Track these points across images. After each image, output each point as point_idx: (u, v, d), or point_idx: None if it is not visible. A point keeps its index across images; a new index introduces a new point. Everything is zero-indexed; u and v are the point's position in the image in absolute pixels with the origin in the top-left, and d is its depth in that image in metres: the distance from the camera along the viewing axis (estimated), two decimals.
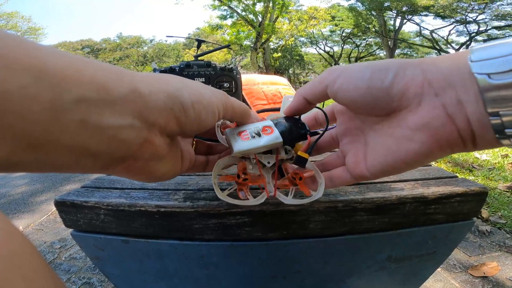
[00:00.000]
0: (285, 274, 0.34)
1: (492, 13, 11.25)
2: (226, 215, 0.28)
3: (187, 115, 0.18)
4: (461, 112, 0.16)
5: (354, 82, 0.19)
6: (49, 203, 1.93)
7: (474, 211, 0.32)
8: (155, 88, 0.17)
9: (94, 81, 0.13)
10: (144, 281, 0.37)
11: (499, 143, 0.16)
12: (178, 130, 0.19)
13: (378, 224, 0.30)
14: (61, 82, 0.12)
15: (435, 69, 0.17)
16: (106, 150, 0.15)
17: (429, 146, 0.17)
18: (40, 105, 0.11)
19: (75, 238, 0.33)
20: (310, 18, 14.41)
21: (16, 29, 16.16)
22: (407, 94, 0.18)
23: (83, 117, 0.13)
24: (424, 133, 0.17)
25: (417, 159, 0.18)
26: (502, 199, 1.60)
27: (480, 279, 1.01)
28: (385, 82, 0.18)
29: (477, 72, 0.15)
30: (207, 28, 14.62)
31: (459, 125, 0.16)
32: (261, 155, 0.25)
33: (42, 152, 0.12)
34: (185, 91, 0.18)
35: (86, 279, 1.14)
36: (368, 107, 0.20)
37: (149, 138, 0.17)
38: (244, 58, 19.05)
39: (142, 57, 22.06)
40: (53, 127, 0.12)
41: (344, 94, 0.20)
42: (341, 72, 0.20)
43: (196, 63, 0.54)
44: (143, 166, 0.18)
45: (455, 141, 0.17)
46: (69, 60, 0.13)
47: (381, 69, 0.19)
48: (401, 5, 12.55)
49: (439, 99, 0.16)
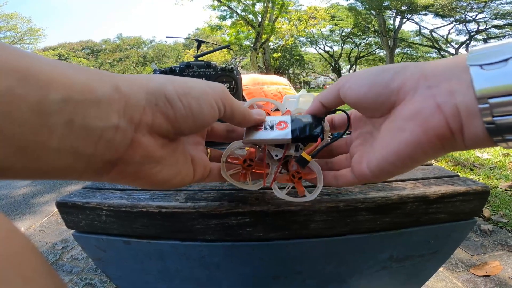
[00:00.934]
0: (287, 274, 0.34)
1: (492, 12, 11.24)
2: (227, 215, 0.28)
3: (175, 109, 0.17)
4: (450, 101, 0.16)
5: (360, 82, 0.21)
6: (51, 204, 1.93)
7: (476, 210, 0.32)
8: (136, 86, 0.16)
9: (78, 82, 0.13)
10: (146, 281, 0.37)
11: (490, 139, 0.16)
12: (170, 127, 0.18)
13: (380, 223, 0.30)
14: (47, 84, 0.12)
15: (433, 66, 0.18)
16: (94, 152, 0.15)
17: (417, 135, 0.17)
18: (27, 106, 0.12)
19: (77, 239, 0.33)
20: (309, 18, 14.41)
21: (15, 30, 16.21)
22: (404, 87, 0.19)
23: (69, 118, 0.13)
24: (413, 122, 0.18)
25: (408, 150, 0.18)
26: (504, 198, 1.59)
27: (483, 278, 1.01)
28: (385, 78, 0.20)
29: (470, 63, 0.16)
30: (206, 28, 14.63)
31: (447, 113, 0.16)
32: (272, 147, 0.26)
33: (32, 156, 0.13)
34: (169, 85, 0.18)
35: (88, 280, 1.14)
36: (371, 102, 0.21)
37: (137, 139, 0.16)
38: (244, 58, 19.05)
39: (142, 58, 22.09)
40: (41, 129, 0.12)
41: (351, 93, 0.22)
42: (351, 76, 0.22)
43: (196, 63, 0.54)
44: (137, 171, 0.18)
45: (443, 131, 0.17)
46: (53, 63, 0.13)
47: (384, 69, 0.20)
48: (401, 4, 12.55)
49: (431, 91, 0.17)
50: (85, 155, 0.14)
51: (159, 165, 0.19)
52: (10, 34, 16.35)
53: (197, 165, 0.23)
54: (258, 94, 1.05)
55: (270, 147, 0.26)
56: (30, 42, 17.29)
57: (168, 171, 0.19)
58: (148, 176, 0.18)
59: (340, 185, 0.25)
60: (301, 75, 23.43)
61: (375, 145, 0.21)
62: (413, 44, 17.05)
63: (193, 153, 0.23)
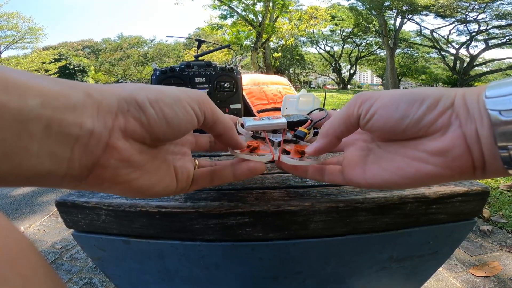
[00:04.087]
0: (286, 274, 0.34)
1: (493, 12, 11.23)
2: (226, 215, 0.28)
3: (147, 115, 0.18)
4: (477, 144, 0.17)
5: (388, 115, 0.19)
6: (51, 203, 1.93)
7: (475, 211, 0.32)
8: (108, 93, 0.17)
9: (54, 90, 0.14)
10: (145, 281, 0.37)
11: (507, 172, 0.17)
12: (144, 132, 0.18)
13: (379, 224, 0.30)
14: (25, 91, 0.13)
15: (462, 102, 0.18)
16: (71, 156, 0.15)
17: (441, 171, 0.18)
18: (10, 112, 0.12)
19: (76, 238, 0.33)
20: (310, 18, 14.40)
21: (16, 29, 16.21)
22: (435, 124, 0.18)
23: (47, 122, 0.14)
24: (440, 158, 0.18)
25: (425, 179, 0.19)
26: (504, 198, 1.59)
27: (482, 279, 1.01)
28: (419, 112, 0.18)
29: (490, 108, 0.16)
30: (207, 28, 14.62)
31: (475, 156, 0.17)
32: (270, 133, 0.29)
33: (14, 161, 0.13)
34: (141, 91, 0.18)
35: (87, 279, 1.14)
36: (393, 134, 0.20)
37: (111, 143, 0.17)
38: (244, 58, 19.05)
39: (143, 57, 22.08)
40: (22, 134, 0.13)
41: (377, 124, 0.20)
42: (375, 101, 0.20)
43: (196, 63, 0.54)
44: (115, 175, 0.18)
45: (467, 169, 0.18)
46: (29, 74, 0.14)
47: (417, 100, 0.19)
48: (401, 5, 12.54)
49: (462, 129, 0.17)
50: (63, 158, 0.15)
51: (138, 171, 0.19)
52: (10, 33, 16.35)
53: (180, 174, 0.22)
54: (259, 93, 1.05)
55: (269, 134, 0.29)
56: (30, 41, 17.29)
57: (148, 178, 0.19)
58: (127, 182, 0.18)
59: (325, 181, 0.25)
60: (301, 75, 23.42)
61: (383, 164, 0.21)
62: (414, 44, 17.04)
63: (177, 163, 0.23)
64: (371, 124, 0.20)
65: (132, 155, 0.18)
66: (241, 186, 0.34)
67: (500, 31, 11.91)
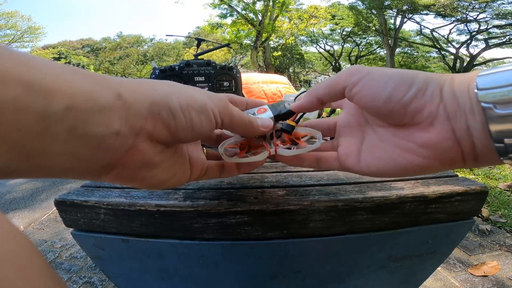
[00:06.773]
0: (285, 273, 0.34)
1: (493, 12, 11.22)
2: (226, 214, 0.28)
3: (176, 120, 0.18)
4: (468, 137, 0.16)
5: (375, 91, 0.19)
6: (50, 202, 1.94)
7: (474, 210, 0.32)
8: (140, 95, 0.17)
9: (81, 91, 0.14)
10: (145, 280, 0.37)
11: (501, 162, 0.16)
12: (170, 136, 0.18)
13: (378, 223, 0.30)
14: (51, 93, 0.13)
15: (451, 91, 0.17)
16: (93, 157, 0.15)
17: (431, 162, 0.18)
18: (33, 114, 0.12)
19: (76, 237, 0.33)
20: (310, 17, 14.37)
21: (16, 28, 16.16)
22: (422, 112, 0.18)
23: (71, 125, 0.13)
24: (429, 151, 0.18)
25: (417, 170, 0.19)
26: (503, 198, 1.60)
27: (480, 278, 1.01)
28: (406, 97, 0.18)
29: (483, 101, 0.15)
30: (207, 27, 14.59)
31: (465, 149, 0.17)
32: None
33: (35, 160, 0.13)
34: (174, 96, 0.18)
35: (87, 278, 1.14)
36: (380, 115, 0.20)
37: (136, 145, 0.17)
38: (244, 57, 19.02)
39: (142, 56, 22.02)
40: (44, 135, 0.13)
41: (360, 99, 0.20)
42: (364, 76, 0.20)
43: (196, 62, 0.54)
44: (134, 174, 0.18)
45: (457, 161, 0.18)
46: (58, 71, 0.13)
47: (405, 81, 0.18)
48: (402, 4, 12.52)
49: (451, 123, 0.17)
50: (85, 159, 0.15)
51: (156, 169, 0.19)
52: (10, 32, 16.29)
53: (195, 165, 0.23)
54: (258, 93, 1.05)
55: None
56: (30, 40, 17.24)
57: (164, 173, 0.20)
58: (146, 179, 0.19)
59: (322, 169, 0.26)
60: (301, 74, 23.39)
61: (377, 154, 0.21)
62: (414, 43, 17.01)
63: (192, 153, 0.23)
64: (358, 98, 0.20)
65: (153, 156, 0.18)
66: (240, 185, 0.34)
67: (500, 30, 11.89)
